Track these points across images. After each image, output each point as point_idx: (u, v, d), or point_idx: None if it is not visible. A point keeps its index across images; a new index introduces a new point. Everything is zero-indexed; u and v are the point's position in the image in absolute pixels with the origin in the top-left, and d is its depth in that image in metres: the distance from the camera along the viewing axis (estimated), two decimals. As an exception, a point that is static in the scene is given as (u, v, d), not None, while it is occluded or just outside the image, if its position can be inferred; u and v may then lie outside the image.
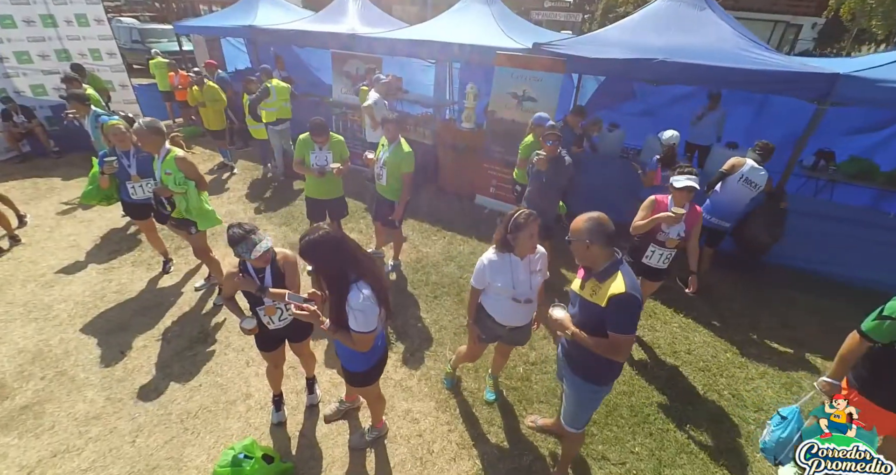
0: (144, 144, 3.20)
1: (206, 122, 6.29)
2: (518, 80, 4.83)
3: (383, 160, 3.61)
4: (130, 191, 3.54)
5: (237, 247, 2.02)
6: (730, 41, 4.23)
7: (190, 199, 3.28)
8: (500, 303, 2.34)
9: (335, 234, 1.81)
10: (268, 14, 7.69)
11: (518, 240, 2.13)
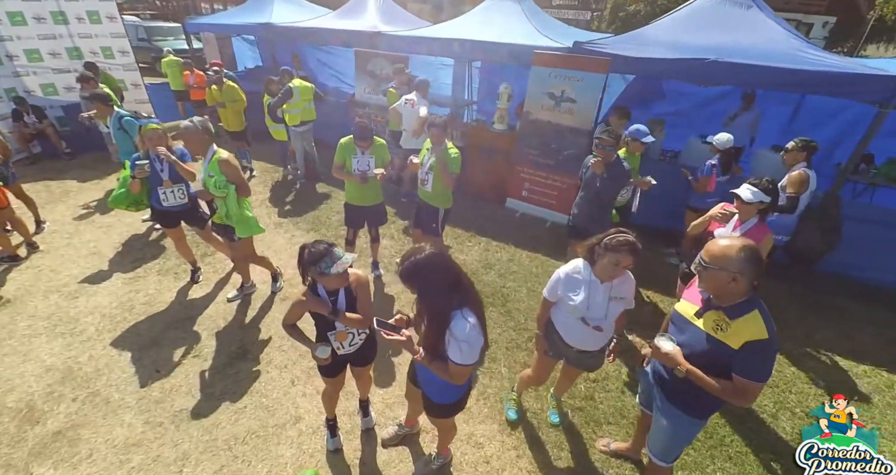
0: (191, 144, 3.05)
1: (226, 123, 6.08)
2: (557, 80, 4.65)
3: (429, 165, 3.42)
4: (161, 197, 3.35)
5: (319, 265, 1.82)
6: (782, 41, 4.07)
7: (230, 203, 3.13)
8: (569, 322, 2.17)
9: (442, 254, 1.64)
10: (283, 12, 7.48)
11: (603, 260, 1.96)
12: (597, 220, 3.54)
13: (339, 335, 2.07)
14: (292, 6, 7.81)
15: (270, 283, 3.87)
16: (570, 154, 4.89)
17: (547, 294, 2.23)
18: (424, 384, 2.00)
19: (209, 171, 3.10)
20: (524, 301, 3.87)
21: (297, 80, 5.58)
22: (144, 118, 4.54)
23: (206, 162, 3.13)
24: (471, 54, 5.33)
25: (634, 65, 4.26)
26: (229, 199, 3.12)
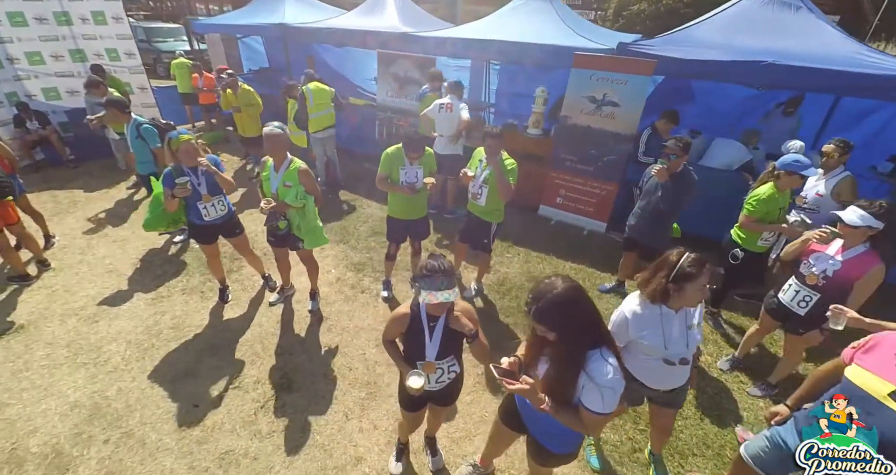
0: (278, 151, 2.88)
1: (241, 128, 5.79)
2: (598, 83, 4.44)
3: (483, 177, 3.18)
4: (203, 212, 3.07)
5: (429, 279, 1.59)
6: (839, 44, 3.89)
7: (308, 214, 3.00)
8: (650, 365, 1.93)
9: (579, 288, 1.43)
10: (296, 11, 7.20)
11: (684, 291, 1.73)
12: (656, 233, 3.35)
13: (427, 366, 1.83)
14: (305, 6, 7.53)
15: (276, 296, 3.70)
16: (611, 160, 4.69)
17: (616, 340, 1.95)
18: (541, 433, 1.76)
19: (285, 180, 2.92)
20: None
21: (312, 84, 5.33)
22: (163, 125, 4.26)
23: (280, 171, 2.93)
24: (509, 56, 5.09)
25: (684, 66, 4.05)
26: (307, 211, 2.99)
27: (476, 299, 3.85)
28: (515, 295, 3.91)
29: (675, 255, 1.78)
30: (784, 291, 2.63)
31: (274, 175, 2.95)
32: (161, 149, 4.08)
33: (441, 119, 4.67)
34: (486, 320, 3.57)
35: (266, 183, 2.98)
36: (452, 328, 1.76)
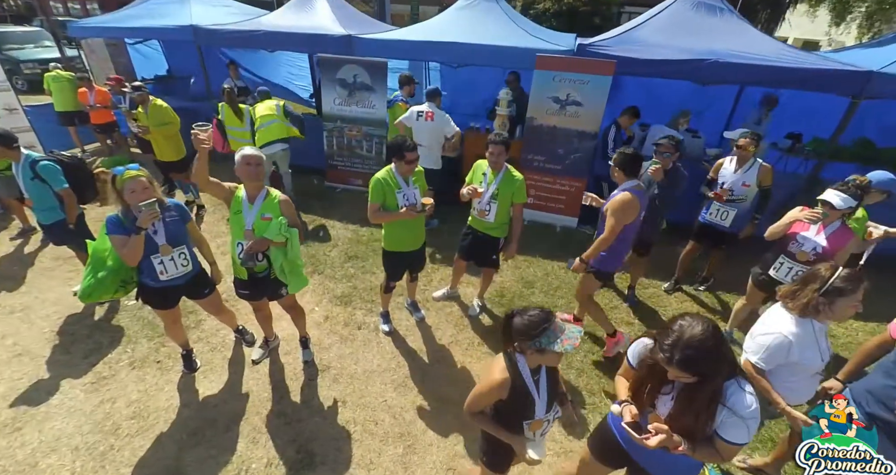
0: (253, 179, 2.40)
1: (158, 152, 4.83)
2: (562, 84, 4.50)
3: (492, 192, 2.99)
4: (159, 269, 2.43)
5: (538, 339, 1.40)
6: (763, 43, 4.40)
7: (292, 250, 2.52)
8: (796, 385, 1.92)
9: (716, 325, 1.33)
10: (205, 12, 6.24)
11: (836, 306, 1.76)
12: (650, 227, 3.48)
13: (535, 425, 1.63)
14: (213, 5, 6.56)
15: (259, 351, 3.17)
16: (578, 157, 4.82)
17: (765, 363, 1.88)
18: (656, 465, 1.65)
19: (263, 212, 2.42)
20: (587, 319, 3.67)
21: (259, 105, 4.82)
22: (69, 159, 3.36)
23: (256, 202, 2.43)
24: (468, 59, 4.92)
25: (642, 66, 4.27)
26: (292, 247, 2.50)
27: (482, 316, 3.68)
28: (520, 304, 3.76)
29: (827, 269, 1.76)
30: (776, 269, 2.87)
31: (248, 207, 2.44)
32: (68, 190, 3.22)
33: (420, 128, 4.37)
34: (497, 337, 3.42)
35: (236, 217, 2.45)
36: (554, 376, 1.58)
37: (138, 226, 2.22)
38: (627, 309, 3.86)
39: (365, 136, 5.53)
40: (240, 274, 2.62)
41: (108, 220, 2.29)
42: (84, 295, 2.39)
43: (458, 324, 3.57)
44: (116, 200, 2.32)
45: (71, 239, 3.42)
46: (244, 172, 2.36)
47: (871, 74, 3.84)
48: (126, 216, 2.31)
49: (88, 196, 3.50)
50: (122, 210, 2.32)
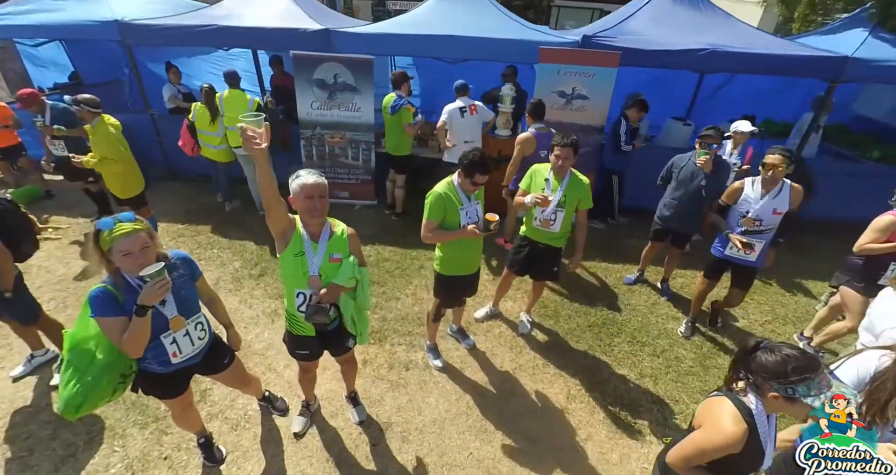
0: (318, 214, 1.83)
1: (109, 184, 3.79)
2: (567, 78, 4.32)
3: (558, 200, 2.69)
4: (171, 350, 1.77)
5: (794, 386, 1.17)
6: (749, 33, 4.60)
7: (363, 295, 2.04)
8: None
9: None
10: (128, 5, 5.13)
11: None
12: (694, 219, 3.45)
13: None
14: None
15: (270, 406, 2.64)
16: (585, 151, 4.67)
17: None
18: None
19: (331, 252, 1.90)
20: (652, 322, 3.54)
21: (227, 92, 4.25)
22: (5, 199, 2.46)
23: (322, 240, 1.89)
24: (466, 53, 4.54)
25: (646, 57, 4.23)
26: (362, 290, 2.01)
27: (534, 332, 3.39)
28: (566, 314, 3.58)
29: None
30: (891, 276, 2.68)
31: (312, 248, 1.89)
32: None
33: (466, 124, 4.19)
34: (569, 356, 3.16)
35: (296, 260, 1.88)
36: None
37: (141, 304, 1.57)
38: (667, 303, 3.81)
39: (350, 142, 4.93)
40: (303, 331, 2.06)
41: (92, 297, 1.61)
42: (69, 409, 1.65)
43: (512, 347, 3.24)
44: (102, 265, 1.65)
45: (6, 310, 2.52)
46: (306, 207, 1.80)
47: (846, 59, 4.15)
48: (118, 287, 1.64)
49: (26, 249, 2.61)
50: (111, 279, 1.65)
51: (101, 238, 1.57)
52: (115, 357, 1.71)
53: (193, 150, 4.69)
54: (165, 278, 1.60)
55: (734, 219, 2.89)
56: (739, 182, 2.86)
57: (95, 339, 1.69)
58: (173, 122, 5.22)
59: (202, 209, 5.04)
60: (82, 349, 1.68)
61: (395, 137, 4.48)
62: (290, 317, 2.04)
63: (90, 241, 1.61)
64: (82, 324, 1.69)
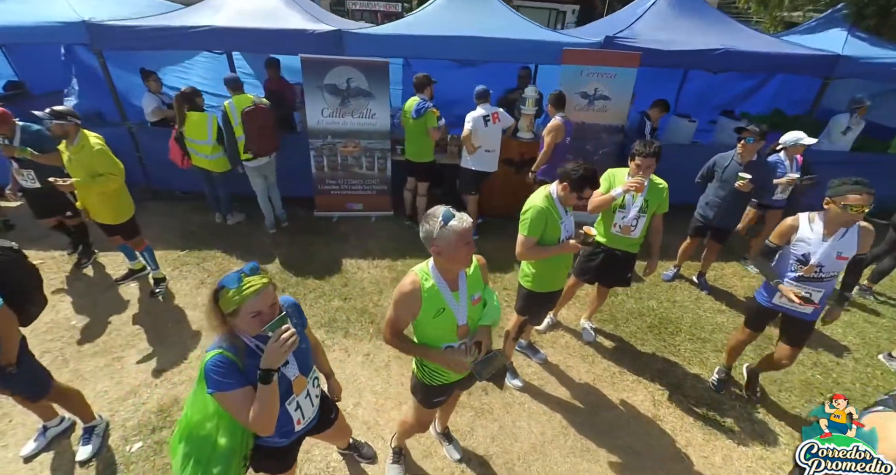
0: (467, 264, 1.63)
1: (97, 211, 3.25)
2: (589, 78, 4.31)
3: (640, 205, 2.63)
4: (296, 417, 1.49)
5: None
6: (751, 34, 4.84)
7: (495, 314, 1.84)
8: None
9: None
10: (93, 6, 4.45)
11: None
12: (736, 215, 3.56)
13: None
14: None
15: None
16: (606, 152, 4.73)
17: None
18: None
19: (472, 293, 1.69)
20: (703, 317, 3.59)
21: (236, 97, 3.90)
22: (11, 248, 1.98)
23: (461, 286, 1.67)
24: (487, 55, 4.37)
25: (665, 57, 4.31)
26: (494, 310, 1.80)
27: (598, 339, 3.33)
28: (622, 317, 3.56)
29: None
30: None
31: (454, 299, 1.65)
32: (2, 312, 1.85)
33: (489, 133, 4.03)
34: (640, 361, 3.13)
35: (440, 318, 1.65)
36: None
37: (266, 368, 1.30)
38: (708, 296, 3.91)
39: (364, 151, 4.62)
40: (446, 379, 1.84)
41: (210, 368, 1.31)
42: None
43: (584, 357, 3.17)
44: (222, 329, 1.34)
45: (9, 386, 2.05)
46: (464, 255, 1.55)
47: (838, 57, 4.47)
48: (239, 352, 1.35)
49: (33, 309, 2.12)
50: (228, 342, 1.35)
51: (224, 298, 1.27)
52: (240, 440, 1.40)
53: (184, 161, 4.21)
54: (290, 327, 1.33)
55: (786, 263, 2.35)
56: (792, 219, 2.33)
57: (214, 420, 1.37)
58: (154, 135, 4.64)
59: (201, 230, 4.52)
60: (200, 436, 1.36)
61: (417, 143, 4.25)
62: (430, 370, 1.81)
63: (209, 302, 1.30)
64: (199, 402, 1.37)
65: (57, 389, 2.25)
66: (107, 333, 3.22)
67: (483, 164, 4.14)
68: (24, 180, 3.38)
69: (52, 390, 2.21)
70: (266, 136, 4.02)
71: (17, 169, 3.34)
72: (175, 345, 3.11)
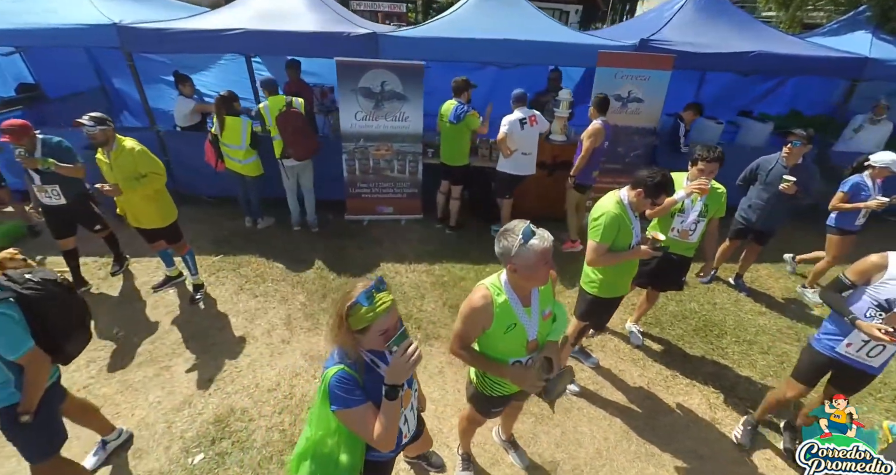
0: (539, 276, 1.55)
1: (133, 217, 3.22)
2: (623, 81, 4.31)
3: (699, 210, 2.63)
4: (404, 430, 1.49)
5: None
6: (779, 36, 4.86)
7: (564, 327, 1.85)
8: None
9: None
10: (116, 8, 4.39)
11: None
12: (781, 218, 3.57)
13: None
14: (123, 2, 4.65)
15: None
16: (638, 154, 4.74)
17: None
18: None
19: (543, 308, 1.72)
20: (745, 319, 3.59)
21: (271, 98, 3.93)
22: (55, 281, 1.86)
23: (534, 302, 1.69)
24: (524, 58, 4.36)
25: (696, 60, 4.33)
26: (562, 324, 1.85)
27: (646, 342, 3.33)
28: (667, 320, 3.57)
29: None
30: None
31: (526, 315, 1.64)
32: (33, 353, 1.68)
33: (526, 136, 4.00)
34: (691, 364, 3.13)
35: (512, 333, 1.63)
36: None
37: (392, 383, 1.28)
38: (747, 298, 3.92)
39: (396, 154, 4.59)
40: (507, 390, 1.84)
41: (335, 385, 1.28)
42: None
43: (634, 360, 3.17)
44: (353, 347, 1.31)
45: (14, 435, 1.81)
46: (541, 276, 1.53)
47: (867, 60, 4.51)
48: (358, 367, 1.33)
49: (73, 348, 1.93)
50: (348, 358, 1.33)
51: (357, 315, 1.25)
52: (357, 456, 1.38)
53: (218, 164, 4.18)
54: (412, 341, 1.30)
55: (863, 305, 1.96)
56: (878, 256, 1.98)
57: (335, 437, 1.34)
58: (183, 139, 4.60)
59: (233, 236, 4.47)
60: (323, 453, 1.33)
61: (453, 147, 4.23)
62: (492, 381, 1.81)
63: (339, 319, 1.27)
64: (321, 419, 1.34)
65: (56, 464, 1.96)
66: (150, 342, 3.17)
67: (520, 167, 4.13)
68: (49, 197, 3.16)
69: (51, 462, 1.92)
70: (302, 139, 3.99)
71: (40, 186, 3.12)
72: (222, 354, 3.07)
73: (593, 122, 3.90)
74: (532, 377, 1.64)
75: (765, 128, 5.29)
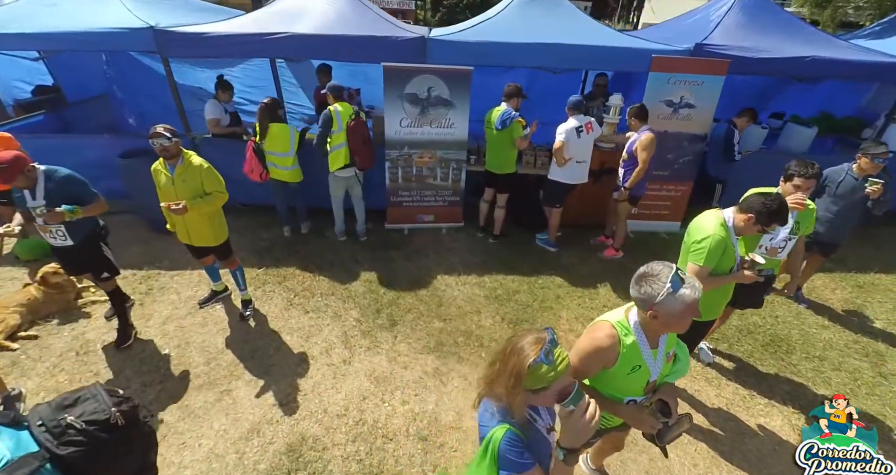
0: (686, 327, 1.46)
1: (183, 233, 3.09)
2: (676, 86, 4.19)
3: (791, 227, 2.54)
4: None
5: None
6: (829, 40, 4.74)
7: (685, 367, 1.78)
8: None
9: None
10: (148, 11, 4.21)
11: None
12: (848, 230, 3.47)
13: None
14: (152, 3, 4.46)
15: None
16: (686, 160, 4.63)
17: None
18: None
19: (668, 350, 1.59)
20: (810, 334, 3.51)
21: (341, 104, 3.79)
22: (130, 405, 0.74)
23: (661, 344, 1.57)
24: (576, 63, 4.24)
25: (752, 65, 4.21)
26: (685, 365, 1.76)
27: (716, 359, 3.24)
28: (733, 336, 3.48)
29: None
30: None
31: (652, 356, 1.54)
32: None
33: (582, 144, 3.91)
34: (766, 382, 3.05)
35: (634, 374, 1.53)
36: None
37: (570, 447, 1.20)
38: (808, 310, 3.84)
39: (440, 162, 4.46)
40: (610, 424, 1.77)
41: (504, 448, 1.17)
42: None
43: (709, 380, 3.08)
44: (518, 401, 1.20)
45: None
46: (684, 325, 1.42)
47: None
48: (522, 425, 1.23)
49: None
50: (512, 416, 1.21)
51: (537, 374, 1.13)
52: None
53: (262, 175, 4.03)
54: (589, 400, 1.19)
55: None
56: None
57: None
58: (217, 146, 4.44)
59: (273, 247, 4.34)
60: None
61: (500, 154, 4.11)
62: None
63: (517, 379, 1.15)
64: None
65: None
66: (205, 363, 3.05)
67: (573, 176, 4.01)
68: (54, 237, 2.65)
69: None
70: (367, 148, 3.90)
71: (43, 226, 2.57)
72: (285, 376, 2.95)
73: (645, 133, 3.72)
74: (650, 419, 1.56)
75: (809, 132, 5.18)
